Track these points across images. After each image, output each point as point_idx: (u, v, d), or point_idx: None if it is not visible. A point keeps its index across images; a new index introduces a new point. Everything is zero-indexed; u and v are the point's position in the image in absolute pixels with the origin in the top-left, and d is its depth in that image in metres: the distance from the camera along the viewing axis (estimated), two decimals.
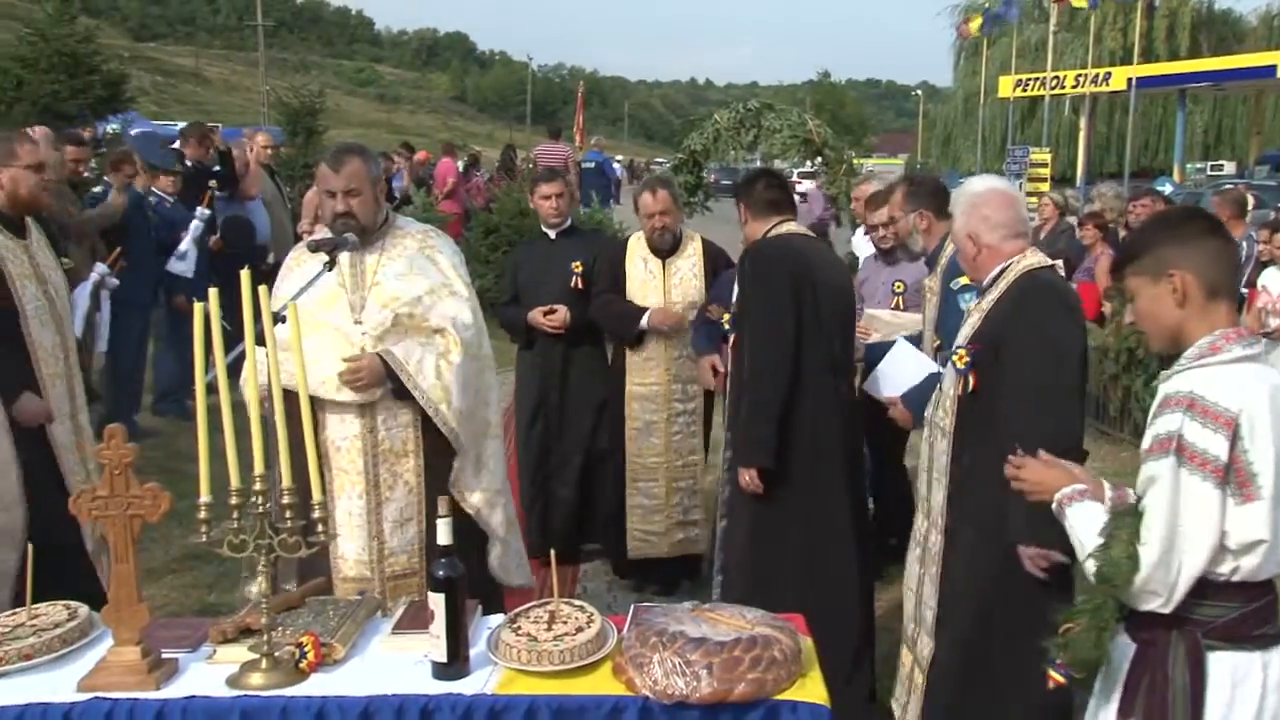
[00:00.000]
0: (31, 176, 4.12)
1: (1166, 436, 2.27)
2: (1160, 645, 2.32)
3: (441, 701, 2.41)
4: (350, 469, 3.60)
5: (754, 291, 4.00)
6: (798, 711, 2.41)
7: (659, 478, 5.34)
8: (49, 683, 2.50)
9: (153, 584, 5.23)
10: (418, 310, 3.59)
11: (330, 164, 3.60)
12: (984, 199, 3.33)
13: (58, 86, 25.64)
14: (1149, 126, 40.83)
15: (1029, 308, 3.15)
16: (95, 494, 2.51)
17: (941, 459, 3.35)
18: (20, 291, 3.99)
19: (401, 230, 3.76)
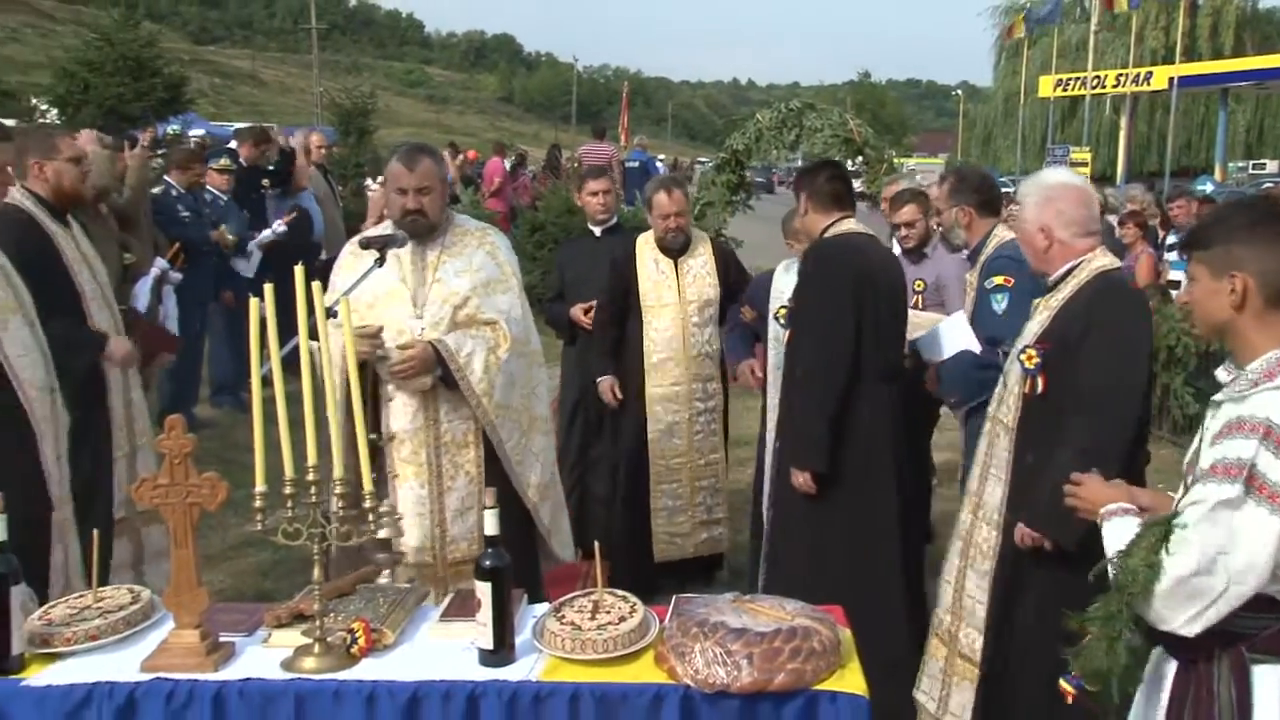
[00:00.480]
0: (72, 169, 4.24)
1: (1236, 464, 2.09)
2: (1204, 660, 2.20)
3: (488, 687, 2.42)
4: (413, 459, 3.62)
5: (814, 291, 3.93)
6: (837, 702, 2.40)
7: (682, 478, 5.24)
8: (114, 663, 2.54)
9: (210, 570, 5.28)
10: (473, 302, 3.62)
11: (404, 162, 3.62)
12: (1060, 193, 3.26)
13: (122, 89, 26.05)
14: (1190, 125, 40.17)
15: (1106, 311, 3.10)
16: (156, 482, 2.54)
17: (1002, 455, 3.29)
18: (77, 275, 4.14)
19: (461, 228, 3.79)
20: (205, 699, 2.43)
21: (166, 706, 2.43)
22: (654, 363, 5.17)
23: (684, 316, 5.17)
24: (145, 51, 27.60)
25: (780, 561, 4.12)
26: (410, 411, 3.61)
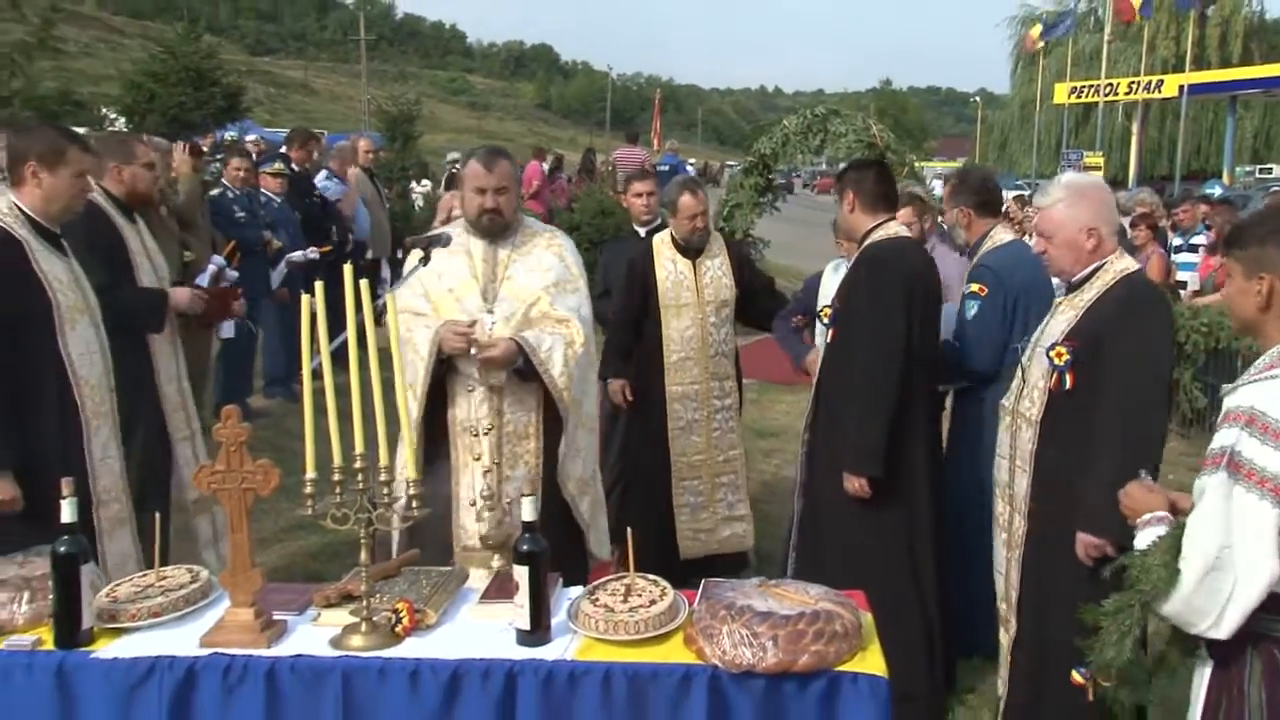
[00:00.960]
0: (146, 173, 4.40)
1: (1220, 451, 2.10)
2: (1236, 663, 2.16)
3: (525, 666, 2.42)
4: (476, 448, 3.60)
5: (868, 297, 3.80)
6: (858, 682, 2.39)
7: (703, 475, 5.13)
8: (175, 638, 2.56)
9: (264, 552, 5.32)
10: (544, 300, 3.63)
11: (483, 164, 3.65)
12: (1095, 193, 3.21)
13: (184, 98, 26.34)
14: (1200, 131, 39.81)
15: (1137, 313, 3.07)
16: (214, 469, 2.56)
17: (1027, 448, 3.25)
18: (139, 269, 4.24)
19: (531, 229, 3.81)
20: (259, 674, 2.45)
21: (223, 680, 2.45)
22: (673, 362, 5.04)
23: (703, 316, 5.06)
24: (206, 63, 27.87)
25: (809, 551, 4.07)
26: (476, 404, 3.62)
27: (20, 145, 3.64)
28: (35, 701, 2.47)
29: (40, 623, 2.60)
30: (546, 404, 3.65)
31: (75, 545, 2.51)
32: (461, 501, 3.63)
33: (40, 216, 3.59)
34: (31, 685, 2.47)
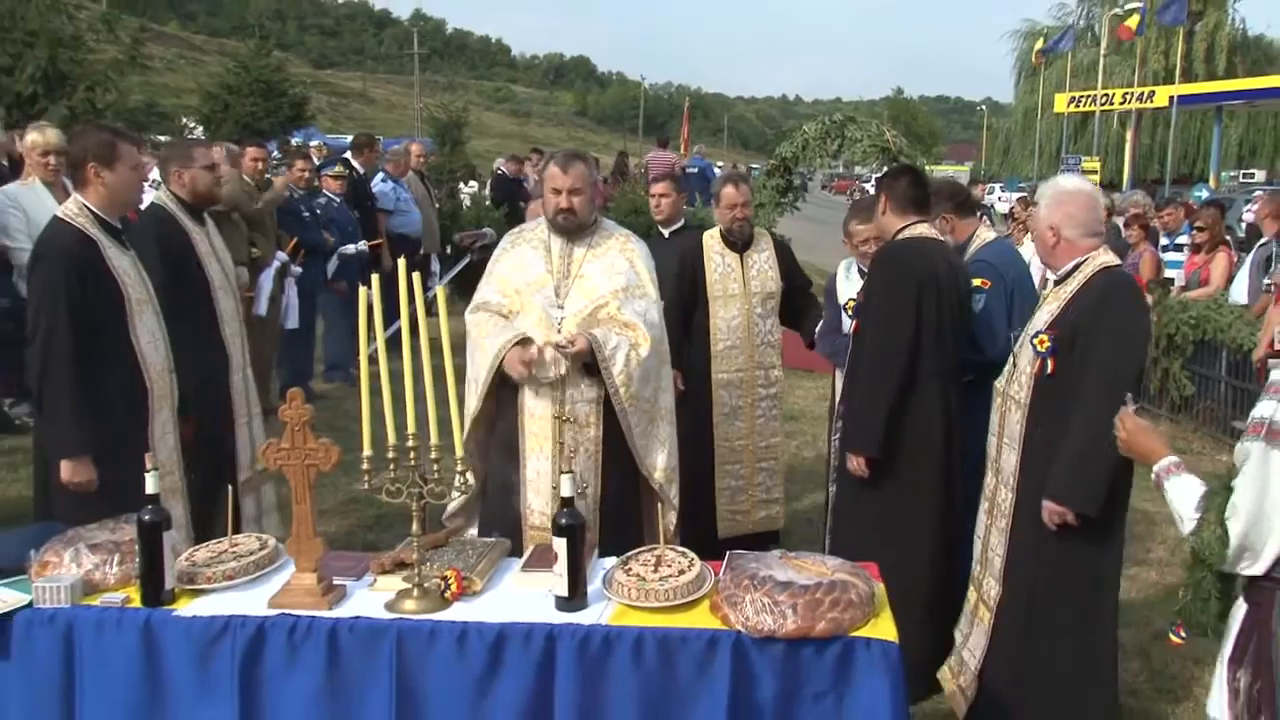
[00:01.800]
0: (207, 175, 4.35)
1: (1259, 421, 2.18)
2: (1266, 605, 2.23)
3: (563, 630, 2.43)
4: (540, 434, 3.57)
5: (880, 291, 3.77)
6: (870, 647, 2.39)
7: (744, 459, 4.99)
8: (246, 600, 2.59)
9: (324, 523, 5.32)
10: (612, 304, 3.56)
11: (560, 166, 3.60)
12: (1071, 197, 3.22)
13: (255, 108, 26.59)
14: (1188, 139, 39.73)
15: (1113, 304, 3.09)
16: (279, 446, 2.57)
17: (1016, 428, 3.25)
18: (207, 268, 4.24)
19: (606, 231, 3.74)
20: (321, 633, 2.47)
21: (289, 638, 2.48)
22: (719, 350, 4.92)
23: (749, 307, 4.93)
24: (274, 76, 28.11)
25: (840, 532, 4.03)
26: (542, 391, 3.58)
27: (78, 149, 3.68)
28: (124, 653, 2.51)
29: (128, 583, 2.64)
30: (607, 396, 3.58)
31: (158, 514, 2.55)
32: (528, 484, 3.63)
33: (105, 213, 3.62)
34: (121, 638, 2.51)
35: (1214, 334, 7.71)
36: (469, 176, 18.31)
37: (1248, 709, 2.23)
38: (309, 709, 2.46)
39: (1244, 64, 39.91)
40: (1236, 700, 2.27)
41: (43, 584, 2.57)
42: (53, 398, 3.43)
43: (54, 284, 3.41)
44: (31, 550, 2.69)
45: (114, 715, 2.52)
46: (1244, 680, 2.25)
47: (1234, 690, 2.28)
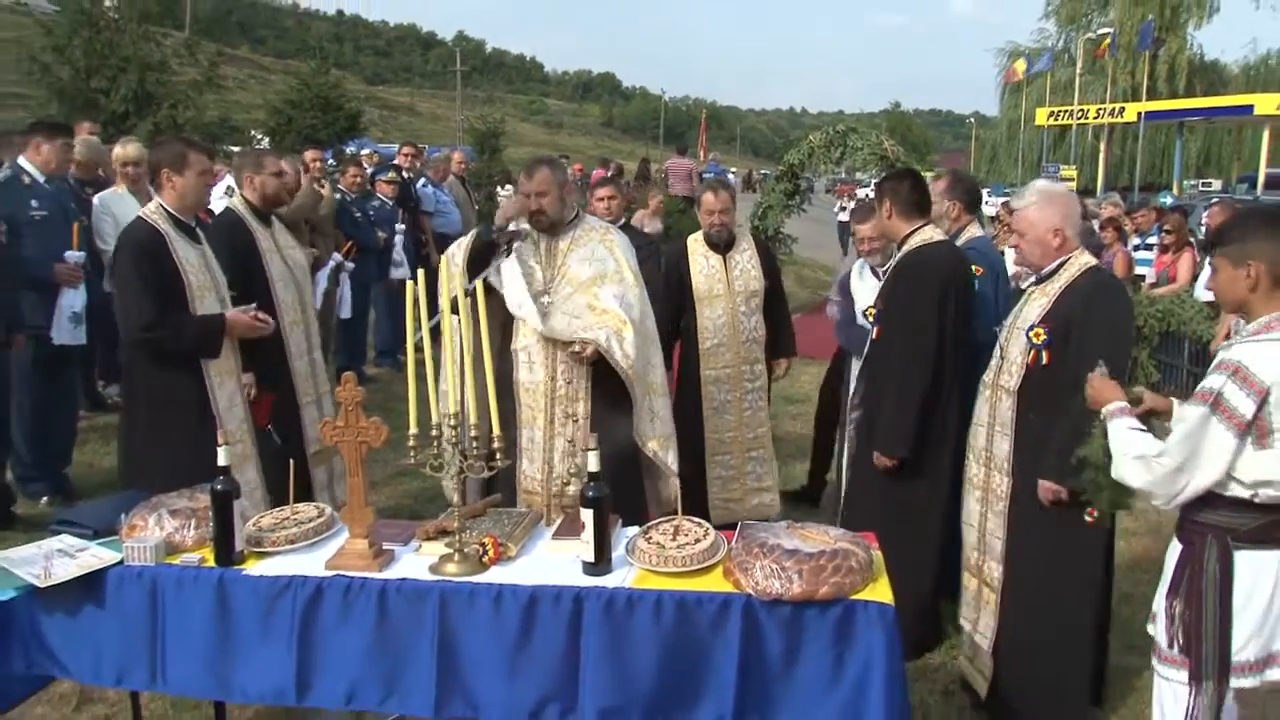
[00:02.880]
0: (274, 181, 4.37)
1: (1209, 391, 2.30)
2: (1199, 545, 2.39)
3: (589, 592, 2.42)
4: (534, 406, 3.60)
5: (907, 298, 3.63)
6: (869, 609, 2.37)
7: (734, 450, 4.83)
8: (305, 562, 2.60)
9: (375, 493, 5.35)
10: (592, 290, 3.56)
11: (526, 173, 3.66)
12: (1063, 198, 3.16)
13: (314, 121, 26.76)
14: (1154, 150, 40.07)
15: (1102, 300, 3.03)
16: (335, 424, 2.59)
17: (1007, 415, 3.18)
18: (268, 263, 4.26)
19: (588, 225, 3.75)
20: (372, 592, 2.48)
21: (343, 597, 2.49)
22: (707, 348, 4.75)
23: (733, 306, 4.76)
24: (332, 92, 28.24)
25: (854, 517, 3.88)
26: (534, 367, 3.61)
27: (155, 157, 3.82)
28: (200, 606, 2.54)
29: (203, 544, 2.66)
30: (594, 373, 3.58)
31: (229, 484, 2.57)
32: (523, 451, 3.63)
33: (177, 211, 3.72)
34: (198, 593, 2.54)
35: (1178, 326, 7.81)
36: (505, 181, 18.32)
37: (1181, 631, 2.40)
38: (360, 659, 2.47)
39: (1201, 85, 40.61)
40: (1172, 624, 2.42)
41: (131, 544, 2.61)
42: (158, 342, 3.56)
43: (125, 269, 3.57)
44: (122, 515, 2.74)
45: (192, 659, 2.55)
46: (1179, 608, 2.41)
47: (1170, 616, 2.43)
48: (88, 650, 2.61)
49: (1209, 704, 2.35)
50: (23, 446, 5.25)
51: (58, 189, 5.33)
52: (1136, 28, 35.48)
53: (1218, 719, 2.37)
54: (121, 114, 13.59)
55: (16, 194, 5.07)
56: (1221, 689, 2.35)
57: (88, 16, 14.58)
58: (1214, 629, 2.34)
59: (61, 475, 5.44)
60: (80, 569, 2.56)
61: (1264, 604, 2.34)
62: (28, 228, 5.06)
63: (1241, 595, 2.34)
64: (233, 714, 3.26)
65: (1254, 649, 2.35)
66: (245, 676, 2.53)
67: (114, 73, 14.15)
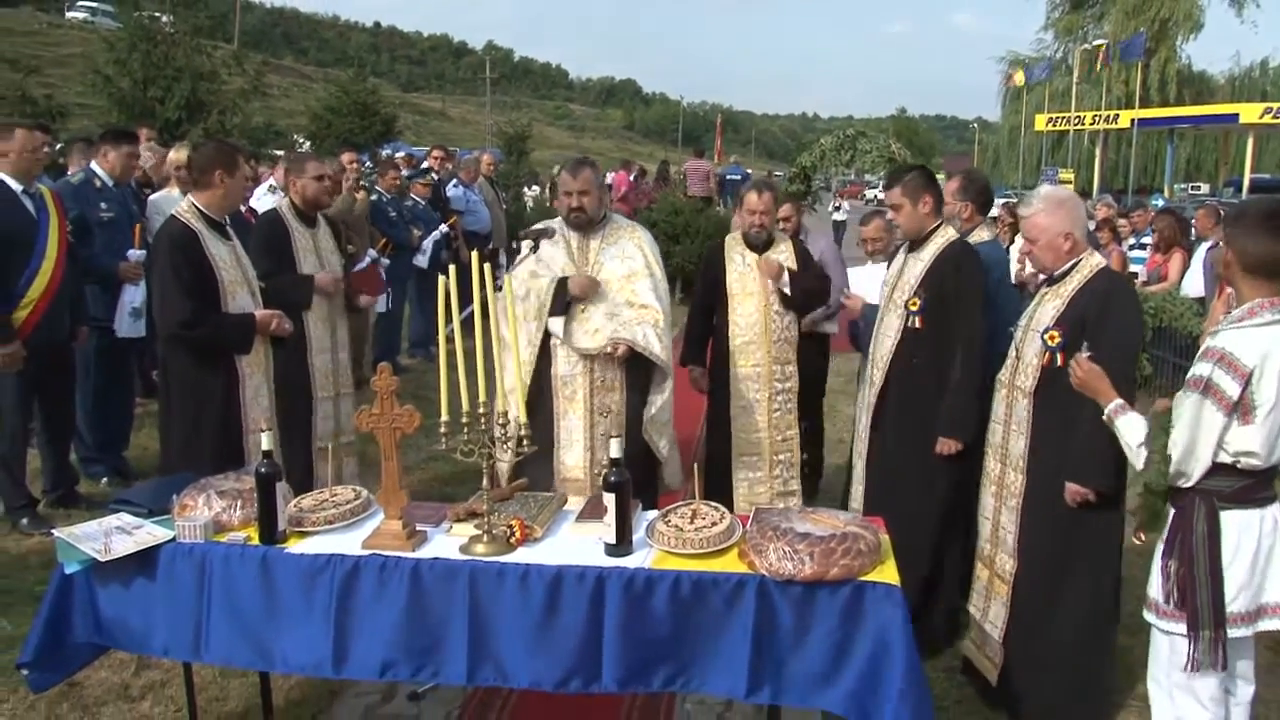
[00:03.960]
0: (314, 184, 4.35)
1: (1199, 378, 2.40)
2: (1188, 508, 2.49)
3: (611, 571, 2.41)
4: (574, 397, 3.63)
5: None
6: (877, 589, 2.35)
7: (762, 452, 4.44)
8: (343, 541, 2.61)
9: (408, 477, 5.34)
10: (626, 286, 3.62)
11: (570, 172, 3.67)
12: (1070, 202, 3.09)
13: (353, 125, 26.89)
14: (1146, 155, 40.09)
15: (1117, 303, 2.97)
16: (371, 411, 2.58)
17: (1023, 415, 3.11)
18: (301, 261, 4.25)
19: (616, 224, 3.78)
20: (405, 570, 2.48)
21: (379, 574, 2.49)
22: (738, 345, 4.41)
23: (766, 304, 4.40)
24: (369, 98, 28.35)
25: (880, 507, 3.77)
26: (573, 362, 3.63)
27: (209, 157, 3.80)
28: (246, 581, 2.55)
29: (249, 524, 2.67)
30: (628, 365, 3.62)
31: (273, 468, 2.58)
32: (561, 442, 3.61)
33: (214, 212, 3.74)
34: (244, 569, 2.56)
35: (1169, 322, 7.77)
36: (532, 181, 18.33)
37: (1176, 587, 2.49)
38: (394, 633, 2.47)
39: (1190, 94, 40.57)
40: (1167, 582, 2.52)
41: (183, 523, 2.62)
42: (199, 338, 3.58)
43: (162, 267, 3.59)
44: (173, 495, 2.76)
45: (235, 631, 2.56)
46: (1173, 567, 2.50)
47: (1165, 574, 2.52)
48: (139, 622, 2.63)
49: (1205, 649, 2.45)
50: (85, 431, 5.34)
51: (122, 191, 5.39)
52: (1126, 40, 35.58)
53: (1218, 664, 2.46)
54: (175, 121, 13.76)
55: (88, 196, 5.15)
56: (1219, 636, 2.45)
57: (146, 31, 14.76)
58: (1206, 581, 2.45)
59: (120, 457, 5.52)
60: (137, 545, 2.58)
61: (1249, 559, 2.45)
62: (97, 228, 5.14)
63: (1229, 551, 2.45)
64: (275, 682, 3.28)
65: (1244, 600, 2.46)
66: (286, 648, 2.54)
67: (169, 82, 14.32)
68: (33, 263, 4.51)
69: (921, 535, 3.52)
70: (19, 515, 4.67)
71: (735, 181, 18.02)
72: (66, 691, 3.20)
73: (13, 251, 4.44)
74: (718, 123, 33.04)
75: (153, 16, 15.00)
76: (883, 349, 3.66)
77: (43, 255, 4.54)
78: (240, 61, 17.04)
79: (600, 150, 69.76)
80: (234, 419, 3.66)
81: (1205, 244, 8.35)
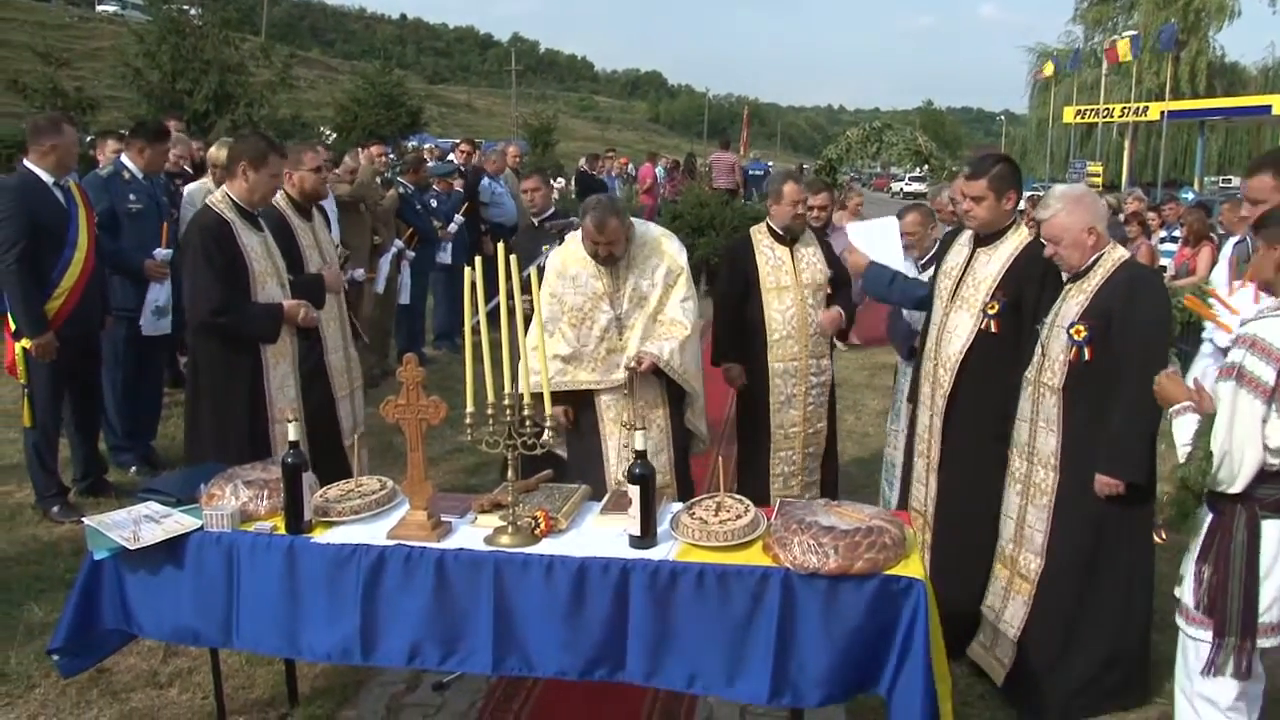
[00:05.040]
0: (312, 176, 4.26)
1: (1231, 365, 2.39)
2: (1229, 514, 2.45)
3: (636, 564, 2.42)
4: (616, 420, 3.77)
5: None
6: (900, 583, 2.35)
7: (795, 446, 4.43)
8: (369, 531, 2.63)
9: (433, 468, 5.35)
10: (658, 307, 3.73)
11: (595, 225, 3.59)
12: (1088, 198, 3.06)
13: (379, 117, 27.03)
14: (1176, 148, 39.49)
15: (1141, 293, 2.93)
16: (397, 402, 2.60)
17: (1052, 412, 3.07)
18: (306, 257, 4.18)
19: (641, 240, 3.80)
20: (430, 561, 2.50)
21: (404, 564, 2.51)
22: (775, 339, 4.33)
23: (801, 298, 4.35)
24: (395, 90, 28.46)
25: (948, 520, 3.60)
26: (615, 391, 3.77)
27: (237, 148, 3.83)
28: (272, 570, 2.58)
29: (275, 513, 2.70)
30: (670, 381, 3.77)
31: (299, 458, 2.60)
32: (609, 461, 3.76)
33: (244, 202, 3.74)
34: (270, 558, 2.59)
35: (1196, 317, 7.55)
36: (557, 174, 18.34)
37: (1207, 594, 2.47)
38: (421, 622, 2.50)
39: (1221, 85, 39.90)
40: (1200, 587, 2.49)
41: (210, 512, 2.66)
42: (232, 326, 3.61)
43: (194, 255, 3.60)
44: (202, 484, 2.79)
45: (264, 619, 2.60)
46: (1207, 572, 2.47)
47: (1199, 580, 2.49)
48: (169, 609, 2.67)
49: (1227, 656, 2.44)
50: (114, 420, 5.43)
51: (152, 183, 5.47)
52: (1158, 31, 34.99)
53: (1240, 673, 2.44)
54: (203, 112, 13.92)
55: (117, 189, 5.23)
56: (1245, 645, 2.43)
57: (175, 24, 14.95)
58: (1239, 591, 2.42)
59: (148, 446, 5.61)
60: (165, 533, 2.62)
61: None
62: (126, 219, 5.22)
63: (1267, 561, 2.41)
64: (301, 670, 3.32)
65: (1277, 611, 2.44)
66: (313, 636, 2.57)
67: (197, 75, 14.50)
68: (65, 253, 4.59)
69: (987, 536, 3.44)
70: (50, 503, 4.76)
71: (759, 177, 17.91)
72: (96, 677, 3.27)
73: (48, 242, 4.52)
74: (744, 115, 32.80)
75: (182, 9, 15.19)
76: (950, 349, 3.48)
77: (74, 245, 4.62)
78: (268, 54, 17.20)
79: (625, 142, 69.60)
80: (260, 408, 3.70)
81: (1232, 239, 8.27)
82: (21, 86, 12.77)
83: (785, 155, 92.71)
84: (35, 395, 4.63)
